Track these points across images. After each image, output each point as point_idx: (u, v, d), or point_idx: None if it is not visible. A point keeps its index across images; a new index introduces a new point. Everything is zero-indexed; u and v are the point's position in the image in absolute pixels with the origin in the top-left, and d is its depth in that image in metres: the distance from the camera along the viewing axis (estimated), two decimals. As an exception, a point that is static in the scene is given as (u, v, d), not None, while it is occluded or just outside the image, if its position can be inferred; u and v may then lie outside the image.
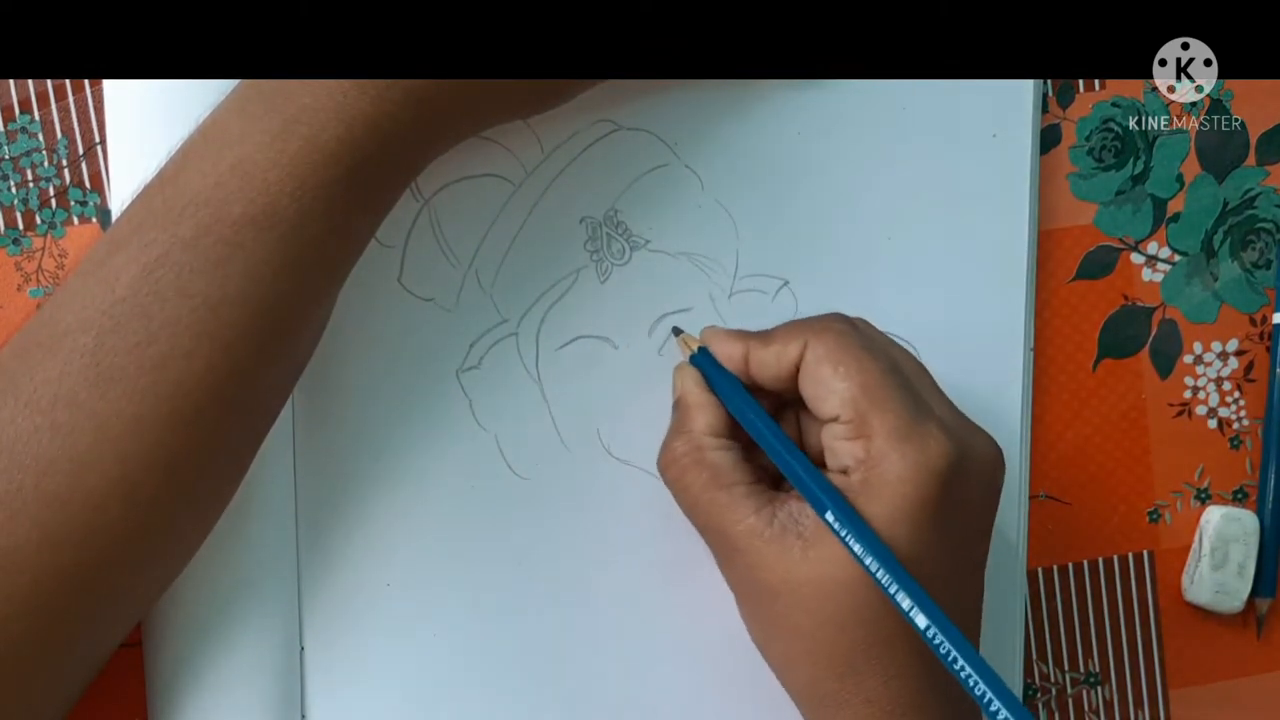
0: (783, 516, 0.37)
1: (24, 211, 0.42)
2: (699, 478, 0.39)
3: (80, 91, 0.42)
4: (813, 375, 0.38)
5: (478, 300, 0.43)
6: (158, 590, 0.38)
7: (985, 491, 0.39)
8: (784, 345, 0.39)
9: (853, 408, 0.37)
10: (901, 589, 0.35)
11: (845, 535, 0.36)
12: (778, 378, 0.39)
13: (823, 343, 0.38)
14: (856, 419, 0.37)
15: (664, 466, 0.40)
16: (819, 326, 0.39)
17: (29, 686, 0.35)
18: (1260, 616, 0.48)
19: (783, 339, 0.39)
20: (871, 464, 0.36)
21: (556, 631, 0.43)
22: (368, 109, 0.34)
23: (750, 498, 0.38)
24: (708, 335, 0.41)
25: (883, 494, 0.36)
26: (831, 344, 0.38)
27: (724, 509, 0.38)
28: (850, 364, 0.37)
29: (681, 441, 0.40)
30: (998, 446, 0.39)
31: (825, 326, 0.39)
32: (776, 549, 0.37)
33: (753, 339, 0.40)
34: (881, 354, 0.38)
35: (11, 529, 0.33)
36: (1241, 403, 0.48)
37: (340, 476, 0.42)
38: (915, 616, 0.35)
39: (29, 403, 0.33)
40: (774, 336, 0.39)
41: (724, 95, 0.44)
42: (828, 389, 0.37)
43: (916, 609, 0.35)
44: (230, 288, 0.34)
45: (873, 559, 0.35)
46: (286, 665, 0.42)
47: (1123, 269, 0.47)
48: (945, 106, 0.45)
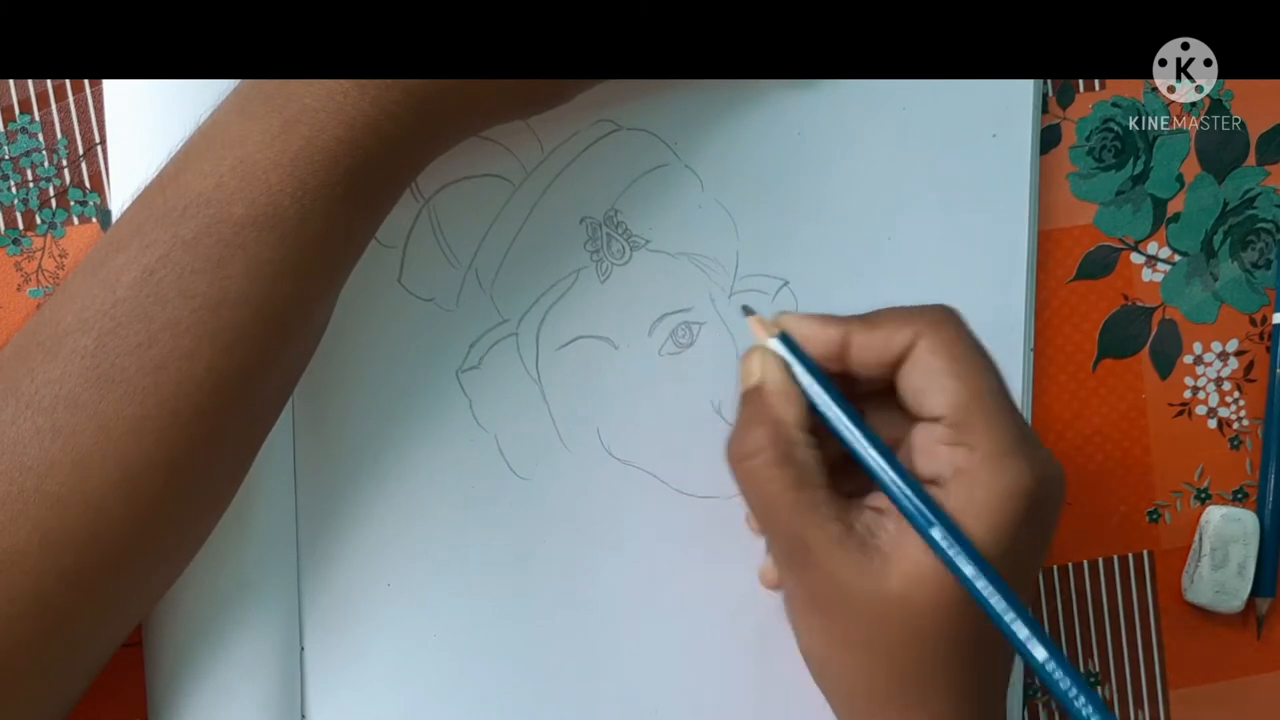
0: (860, 527, 0.35)
1: (24, 211, 0.42)
2: (782, 475, 0.35)
3: (80, 91, 0.42)
4: (925, 366, 0.35)
5: (478, 300, 0.43)
6: (159, 591, 0.38)
7: (1057, 510, 0.36)
8: (894, 330, 0.35)
9: (963, 411, 0.34)
10: (1019, 618, 0.33)
11: (955, 556, 0.33)
12: (880, 364, 0.36)
13: (939, 334, 0.35)
14: (963, 424, 0.34)
15: (739, 457, 0.36)
16: (934, 316, 0.36)
17: (30, 687, 0.35)
18: (1260, 616, 0.48)
19: (891, 324, 0.36)
20: (972, 476, 0.34)
21: (556, 631, 0.43)
22: (368, 109, 0.34)
23: (833, 503, 0.35)
24: (792, 320, 0.37)
25: (983, 511, 0.34)
26: (949, 337, 0.35)
27: (807, 512, 0.35)
28: (966, 363, 0.35)
29: (764, 433, 0.36)
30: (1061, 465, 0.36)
31: (943, 318, 0.36)
32: (858, 561, 0.34)
33: (854, 322, 0.36)
34: (992, 360, 0.35)
35: (12, 530, 0.33)
36: (1241, 403, 0.48)
37: (340, 476, 0.42)
38: (1033, 648, 0.33)
39: (30, 404, 0.33)
40: (879, 321, 0.36)
41: (724, 95, 0.44)
42: (937, 385, 0.35)
43: (1034, 639, 0.33)
44: (231, 288, 0.34)
45: (986, 583, 0.33)
46: (286, 665, 0.42)
47: (1123, 269, 0.47)
48: (945, 106, 0.45)
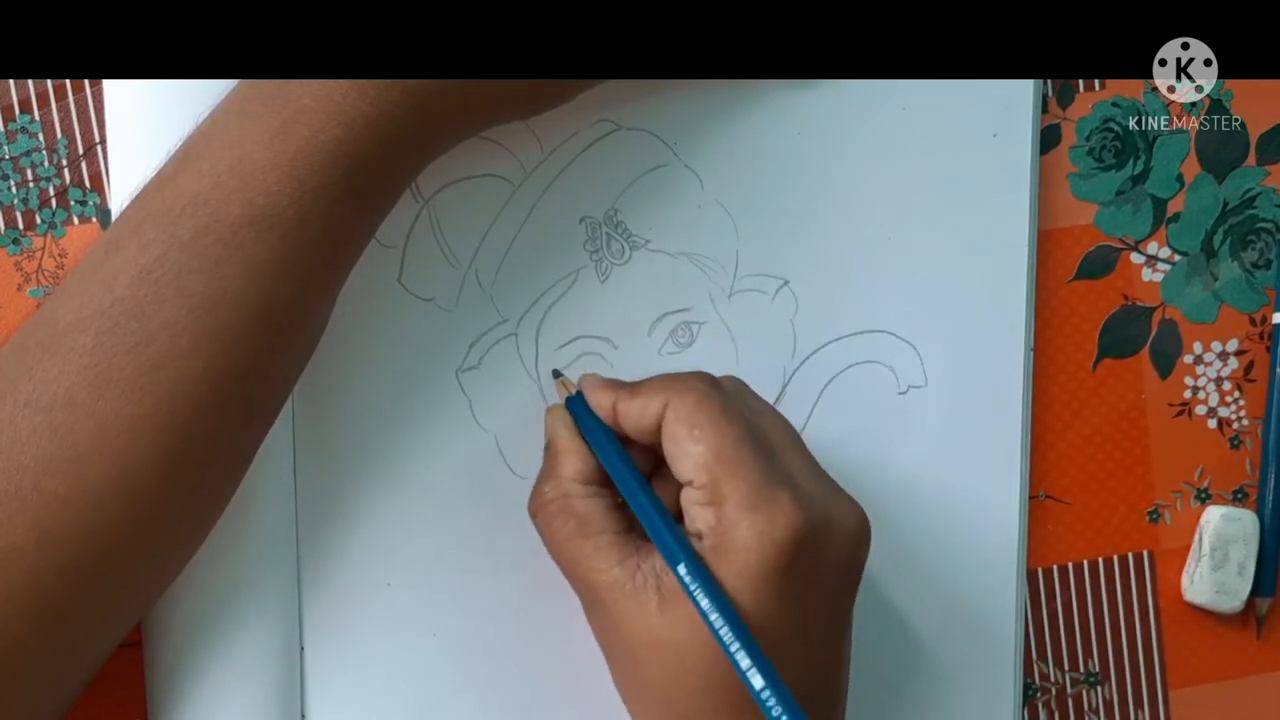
0: (645, 569, 0.37)
1: (24, 211, 0.42)
2: (565, 525, 0.38)
3: (80, 91, 0.42)
4: (671, 435, 0.37)
5: (478, 300, 0.43)
6: (157, 590, 0.38)
7: (842, 563, 0.38)
8: (648, 400, 0.38)
9: (706, 473, 0.36)
10: (743, 649, 0.34)
11: (694, 589, 0.35)
12: (642, 431, 0.38)
13: (684, 403, 0.37)
14: (709, 484, 0.36)
15: (532, 511, 0.40)
16: (682, 386, 0.38)
17: (28, 686, 0.35)
18: (1260, 616, 0.48)
19: (648, 394, 0.38)
20: (722, 531, 0.36)
21: (556, 631, 0.43)
22: (367, 110, 0.34)
23: (615, 547, 0.37)
24: (585, 382, 0.40)
25: (729, 561, 0.36)
26: (691, 405, 0.37)
27: (588, 558, 0.37)
28: (706, 427, 0.37)
29: (550, 487, 0.39)
30: (865, 521, 0.38)
31: (688, 386, 0.38)
32: (635, 603, 0.36)
33: (622, 390, 0.39)
34: (740, 419, 0.37)
35: (10, 529, 0.33)
36: (1241, 403, 0.48)
37: (340, 476, 0.42)
38: (752, 677, 0.34)
39: (28, 402, 0.33)
40: (640, 390, 0.39)
41: (724, 95, 0.44)
42: (683, 451, 0.37)
43: (754, 669, 0.34)
44: (229, 288, 0.34)
45: (718, 615, 0.35)
46: (286, 665, 0.42)
47: (1123, 269, 0.47)
48: (945, 106, 0.45)
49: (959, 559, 0.46)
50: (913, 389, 0.46)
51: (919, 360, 0.45)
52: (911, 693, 0.46)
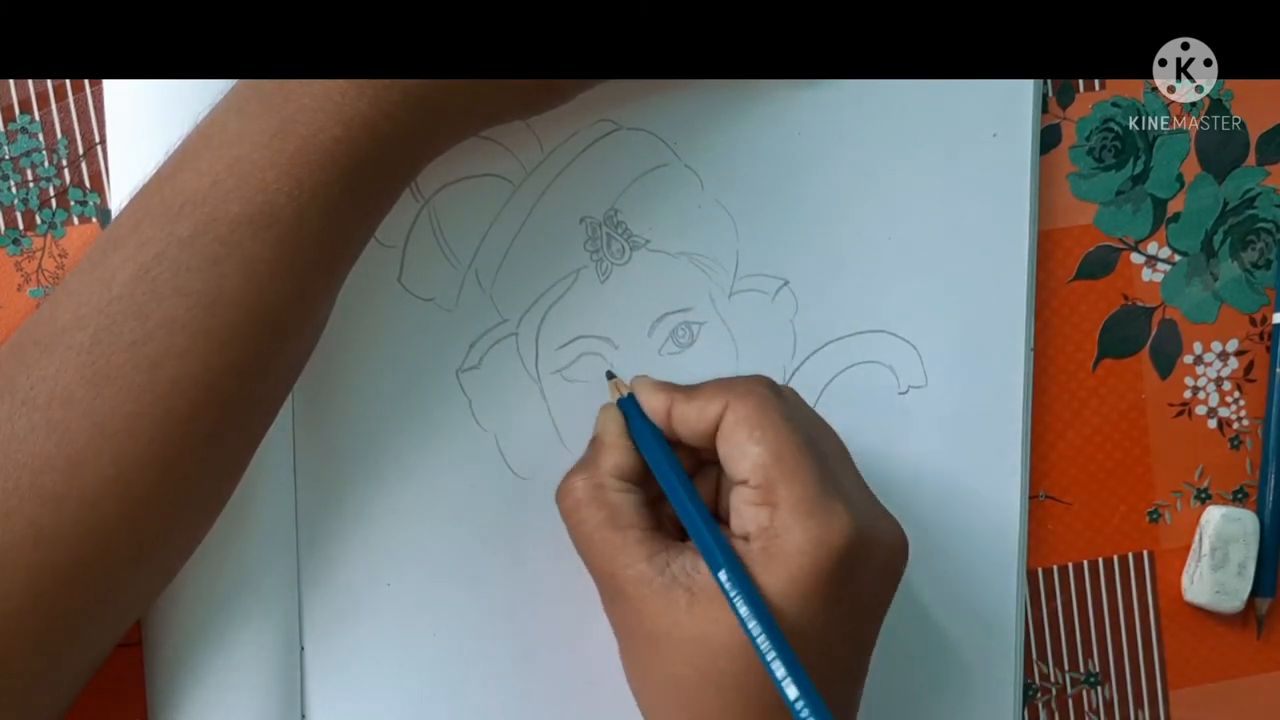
0: (675, 568, 0.37)
1: (24, 211, 0.42)
2: (595, 515, 0.38)
3: (80, 91, 0.42)
4: (729, 436, 0.38)
5: (478, 300, 0.43)
6: (156, 589, 0.38)
7: (883, 576, 0.38)
8: (706, 402, 0.38)
9: (763, 474, 0.37)
10: (779, 658, 0.35)
11: (735, 596, 0.35)
12: (698, 434, 0.39)
13: (744, 405, 0.38)
14: (765, 485, 0.37)
15: (559, 498, 0.40)
16: (743, 389, 0.38)
17: (25, 685, 0.35)
18: (1260, 616, 0.48)
19: (706, 396, 0.39)
20: (773, 533, 0.36)
21: (556, 631, 0.43)
22: (366, 110, 0.34)
23: (644, 543, 0.38)
24: (638, 384, 0.41)
25: (779, 565, 0.36)
26: (752, 407, 0.37)
27: (616, 550, 0.38)
28: (767, 430, 0.37)
29: (583, 477, 0.39)
30: (904, 535, 0.39)
31: (749, 389, 0.38)
32: (663, 599, 0.37)
33: (678, 392, 0.40)
34: (800, 425, 0.38)
35: (7, 526, 0.33)
36: (1241, 403, 0.48)
37: (340, 476, 0.42)
38: (787, 687, 0.34)
39: (25, 400, 0.33)
40: (698, 393, 0.39)
41: (724, 95, 0.44)
42: (742, 451, 0.37)
43: (789, 679, 0.34)
44: (226, 286, 0.34)
45: (756, 624, 0.35)
46: (286, 665, 0.42)
47: (1123, 269, 0.47)
48: (945, 106, 0.45)
49: (959, 558, 0.46)
50: (913, 389, 0.46)
51: (919, 360, 0.45)
52: (912, 692, 0.46)
